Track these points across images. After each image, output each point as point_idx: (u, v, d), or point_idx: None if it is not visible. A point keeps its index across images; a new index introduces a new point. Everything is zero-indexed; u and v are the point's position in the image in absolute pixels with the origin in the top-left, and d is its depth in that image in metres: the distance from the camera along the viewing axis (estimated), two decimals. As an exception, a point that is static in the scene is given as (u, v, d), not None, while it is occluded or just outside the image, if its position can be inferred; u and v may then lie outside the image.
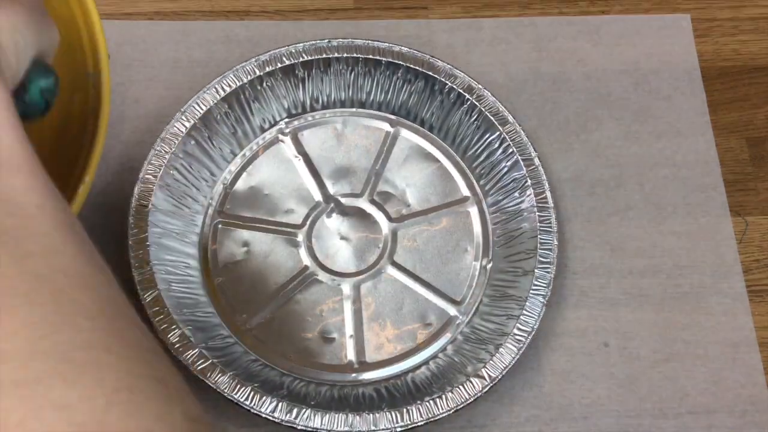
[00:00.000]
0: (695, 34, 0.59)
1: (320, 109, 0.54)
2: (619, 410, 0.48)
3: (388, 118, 0.54)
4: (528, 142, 0.51)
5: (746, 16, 0.60)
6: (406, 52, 0.52)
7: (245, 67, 0.51)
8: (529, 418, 0.48)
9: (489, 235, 0.52)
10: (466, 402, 0.44)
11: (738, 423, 0.48)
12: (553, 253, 0.48)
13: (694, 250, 0.52)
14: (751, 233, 0.53)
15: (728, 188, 0.54)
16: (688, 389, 0.49)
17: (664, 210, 0.53)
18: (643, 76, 0.57)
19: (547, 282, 0.47)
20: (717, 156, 0.55)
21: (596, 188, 0.54)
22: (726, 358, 0.50)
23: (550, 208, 0.50)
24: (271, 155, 0.53)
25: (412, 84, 0.53)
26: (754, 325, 0.51)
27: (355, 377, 0.48)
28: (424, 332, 0.49)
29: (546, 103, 0.56)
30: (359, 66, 0.53)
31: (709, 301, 0.51)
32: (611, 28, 0.59)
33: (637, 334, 0.50)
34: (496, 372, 0.45)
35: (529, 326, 0.46)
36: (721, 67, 0.58)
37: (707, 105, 0.57)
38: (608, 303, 0.51)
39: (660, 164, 0.55)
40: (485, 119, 0.52)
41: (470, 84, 0.52)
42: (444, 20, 0.58)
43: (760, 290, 0.52)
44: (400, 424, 0.44)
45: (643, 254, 0.52)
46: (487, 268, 0.51)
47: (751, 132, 0.56)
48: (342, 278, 0.50)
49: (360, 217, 0.52)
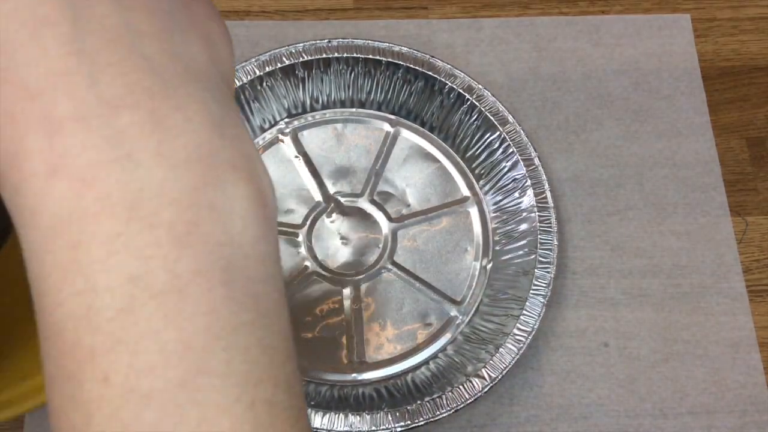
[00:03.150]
0: (695, 34, 0.59)
1: (320, 109, 0.54)
2: (619, 410, 0.48)
3: (388, 118, 0.54)
4: (528, 142, 0.51)
5: (746, 16, 0.60)
6: (406, 52, 0.52)
7: (245, 67, 0.52)
8: (529, 418, 0.48)
9: (489, 235, 0.52)
10: (466, 402, 0.44)
11: (738, 423, 0.48)
12: (553, 253, 0.48)
13: (694, 250, 0.52)
14: (751, 233, 0.53)
15: (728, 188, 0.54)
16: (688, 389, 0.49)
17: (664, 210, 0.53)
18: (643, 76, 0.57)
19: (547, 282, 0.47)
20: (717, 156, 0.55)
21: (596, 188, 0.54)
22: (726, 358, 0.50)
23: (550, 208, 0.50)
24: (271, 155, 0.53)
25: (412, 84, 0.53)
26: (754, 325, 0.51)
27: (355, 377, 0.48)
28: (424, 332, 0.49)
29: (546, 103, 0.56)
30: (359, 66, 0.53)
31: (709, 301, 0.51)
32: (611, 28, 0.59)
33: (637, 334, 0.50)
34: (496, 372, 0.45)
35: (529, 326, 0.46)
36: (721, 67, 0.58)
37: (707, 105, 0.57)
38: (608, 303, 0.51)
39: (660, 164, 0.55)
40: (485, 119, 0.52)
41: (470, 84, 0.52)
42: (444, 20, 0.58)
43: (760, 290, 0.52)
44: (400, 424, 0.44)
45: (643, 254, 0.52)
46: (487, 268, 0.51)
47: (751, 132, 0.56)
48: (342, 278, 0.50)
49: (360, 217, 0.52)
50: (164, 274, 0.18)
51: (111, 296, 0.18)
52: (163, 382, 0.18)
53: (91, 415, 0.18)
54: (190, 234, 0.19)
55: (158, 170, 0.19)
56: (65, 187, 0.19)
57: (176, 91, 0.20)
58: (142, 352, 0.18)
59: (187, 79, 0.20)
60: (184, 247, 0.19)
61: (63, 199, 0.19)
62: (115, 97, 0.19)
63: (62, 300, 0.19)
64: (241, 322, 0.19)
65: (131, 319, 0.18)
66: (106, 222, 0.18)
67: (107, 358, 0.18)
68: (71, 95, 0.19)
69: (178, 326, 0.18)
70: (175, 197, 0.19)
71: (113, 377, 0.18)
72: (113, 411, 0.18)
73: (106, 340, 0.18)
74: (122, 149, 0.19)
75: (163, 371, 0.18)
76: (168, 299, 0.18)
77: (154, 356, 0.18)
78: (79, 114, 0.19)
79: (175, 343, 0.18)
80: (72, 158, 0.19)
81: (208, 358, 0.19)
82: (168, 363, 0.18)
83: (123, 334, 0.18)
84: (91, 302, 0.18)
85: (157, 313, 0.18)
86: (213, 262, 0.19)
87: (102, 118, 0.19)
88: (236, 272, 0.19)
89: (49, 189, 0.19)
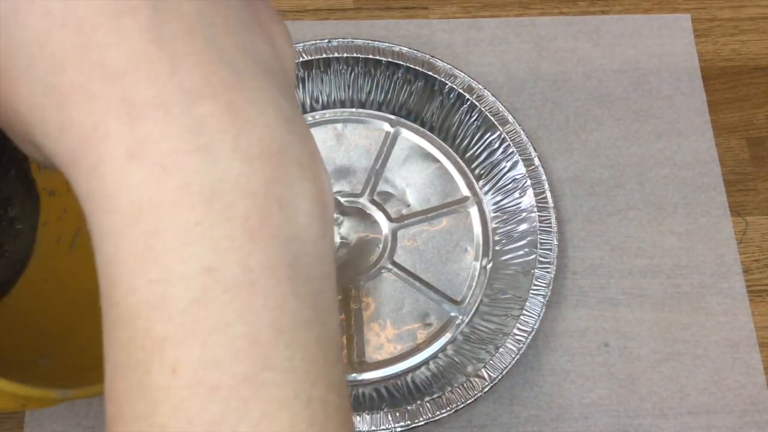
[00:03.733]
0: (695, 34, 0.59)
1: (320, 109, 0.54)
2: (619, 410, 0.48)
3: (388, 118, 0.54)
4: (528, 142, 0.51)
5: (746, 16, 0.60)
6: (406, 52, 0.52)
7: (245, 67, 0.51)
8: (529, 418, 0.48)
9: (489, 235, 0.52)
10: (466, 402, 0.44)
11: (738, 423, 0.48)
12: (553, 253, 0.48)
13: (694, 250, 0.52)
14: (751, 233, 0.53)
15: (728, 188, 0.54)
16: (688, 389, 0.49)
17: (664, 210, 0.53)
18: (643, 76, 0.57)
19: (547, 282, 0.47)
20: (717, 156, 0.55)
21: (596, 188, 0.54)
22: (726, 358, 0.50)
23: (550, 208, 0.50)
24: (271, 155, 0.53)
25: (412, 84, 0.53)
26: (754, 325, 0.51)
27: (355, 377, 0.48)
28: (424, 332, 0.49)
29: (546, 103, 0.56)
30: (359, 66, 0.53)
31: (709, 301, 0.51)
32: (611, 28, 0.59)
33: (637, 334, 0.50)
34: (496, 372, 0.45)
35: (529, 326, 0.46)
36: (721, 67, 0.58)
37: (707, 105, 0.57)
38: (608, 303, 0.51)
39: (660, 164, 0.55)
40: (485, 119, 0.52)
41: (470, 84, 0.52)
42: (444, 20, 0.58)
43: (760, 290, 0.52)
44: (400, 424, 0.44)
45: (643, 254, 0.52)
46: (487, 268, 0.51)
47: (751, 132, 0.56)
48: (342, 278, 0.50)
49: (360, 217, 0.52)
50: (237, 267, 0.19)
51: (185, 287, 0.18)
52: (230, 376, 0.18)
53: (157, 404, 0.18)
54: (263, 228, 0.19)
55: (235, 163, 0.19)
56: (145, 173, 0.18)
57: (250, 85, 0.20)
58: (212, 345, 0.18)
59: (258, 73, 0.21)
60: (256, 241, 0.19)
61: (142, 185, 0.19)
62: (194, 87, 0.19)
63: (136, 287, 0.19)
64: (302, 318, 0.19)
65: (203, 312, 0.18)
66: (184, 211, 0.19)
67: (178, 349, 0.18)
68: (153, 81, 0.19)
69: (248, 320, 0.18)
70: (250, 190, 0.19)
71: (182, 369, 0.18)
72: (179, 402, 0.18)
73: (177, 330, 0.18)
74: (201, 139, 0.19)
75: (231, 365, 0.18)
76: (240, 293, 0.18)
77: (223, 350, 0.18)
78: (160, 101, 0.19)
79: (244, 338, 0.18)
80: (153, 144, 0.19)
81: (272, 354, 0.19)
82: (236, 357, 0.18)
83: (195, 326, 0.18)
84: (166, 291, 0.18)
85: (229, 306, 0.18)
86: (281, 257, 0.19)
87: (182, 106, 0.19)
88: (300, 268, 0.20)
89: (128, 173, 0.19)
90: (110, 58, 0.19)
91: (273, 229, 0.19)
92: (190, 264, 0.18)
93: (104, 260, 0.19)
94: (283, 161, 0.20)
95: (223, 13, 0.21)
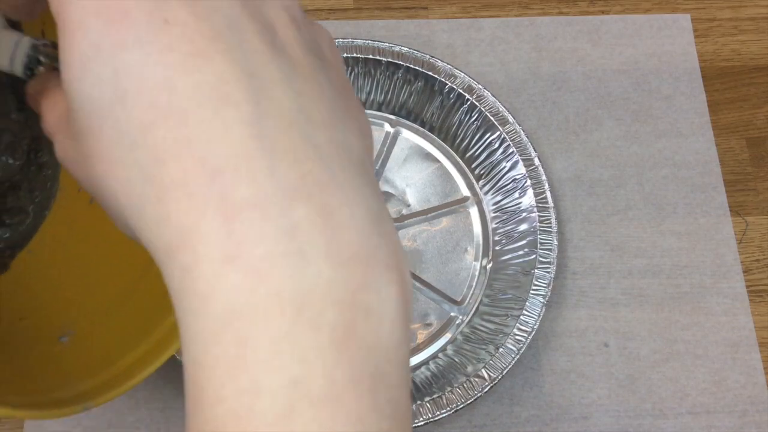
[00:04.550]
0: (695, 34, 0.59)
1: (320, 109, 0.54)
2: (619, 410, 0.48)
3: (388, 118, 0.54)
4: (528, 142, 0.51)
5: (746, 16, 0.60)
6: (406, 52, 0.52)
7: (245, 67, 0.51)
8: (529, 418, 0.48)
9: (489, 235, 0.52)
10: (466, 402, 0.44)
11: (738, 423, 0.48)
12: (553, 253, 0.48)
13: (694, 250, 0.52)
14: (751, 233, 0.53)
15: (728, 188, 0.54)
16: (688, 389, 0.49)
17: (664, 210, 0.53)
18: (643, 76, 0.57)
19: (547, 282, 0.47)
20: (717, 156, 0.55)
21: (596, 188, 0.54)
22: (726, 358, 0.50)
23: (550, 208, 0.50)
24: (271, 155, 0.53)
25: (412, 84, 0.53)
26: (754, 325, 0.51)
27: (355, 377, 0.48)
28: (424, 332, 0.49)
29: (546, 103, 0.56)
30: (359, 66, 0.53)
31: (709, 301, 0.51)
32: (611, 28, 0.59)
33: (637, 334, 0.50)
34: (496, 372, 0.45)
35: (529, 326, 0.46)
36: (721, 67, 0.58)
37: (707, 105, 0.57)
38: (608, 303, 0.51)
39: (660, 164, 0.55)
40: (485, 119, 0.52)
41: (470, 84, 0.52)
42: (444, 20, 0.58)
43: (760, 290, 0.52)
44: (400, 424, 0.44)
45: (643, 254, 0.52)
46: (487, 268, 0.51)
47: (751, 132, 0.56)
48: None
49: (360, 217, 0.52)
50: (323, 380, 0.18)
51: (272, 400, 0.18)
52: None
53: None
54: (348, 338, 0.19)
55: (326, 269, 0.19)
56: (240, 278, 0.18)
57: (343, 184, 0.20)
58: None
59: (351, 171, 0.20)
60: (341, 352, 0.19)
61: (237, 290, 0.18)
62: (290, 187, 0.19)
63: (225, 396, 0.18)
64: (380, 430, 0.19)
65: (289, 427, 0.18)
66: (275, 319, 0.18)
67: None
68: (252, 180, 0.19)
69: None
70: (338, 298, 0.19)
71: None
72: None
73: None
74: (295, 243, 0.19)
75: None
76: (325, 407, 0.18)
77: None
78: (257, 201, 0.19)
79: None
80: (249, 247, 0.18)
81: None
82: None
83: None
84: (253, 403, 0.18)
85: (313, 421, 0.18)
86: (364, 368, 0.19)
87: (278, 207, 0.19)
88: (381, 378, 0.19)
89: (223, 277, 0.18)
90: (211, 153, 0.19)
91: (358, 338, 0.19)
92: (279, 376, 0.18)
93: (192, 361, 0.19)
94: (371, 265, 0.20)
95: (320, 106, 0.20)
